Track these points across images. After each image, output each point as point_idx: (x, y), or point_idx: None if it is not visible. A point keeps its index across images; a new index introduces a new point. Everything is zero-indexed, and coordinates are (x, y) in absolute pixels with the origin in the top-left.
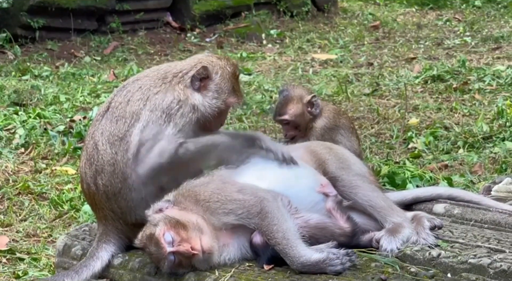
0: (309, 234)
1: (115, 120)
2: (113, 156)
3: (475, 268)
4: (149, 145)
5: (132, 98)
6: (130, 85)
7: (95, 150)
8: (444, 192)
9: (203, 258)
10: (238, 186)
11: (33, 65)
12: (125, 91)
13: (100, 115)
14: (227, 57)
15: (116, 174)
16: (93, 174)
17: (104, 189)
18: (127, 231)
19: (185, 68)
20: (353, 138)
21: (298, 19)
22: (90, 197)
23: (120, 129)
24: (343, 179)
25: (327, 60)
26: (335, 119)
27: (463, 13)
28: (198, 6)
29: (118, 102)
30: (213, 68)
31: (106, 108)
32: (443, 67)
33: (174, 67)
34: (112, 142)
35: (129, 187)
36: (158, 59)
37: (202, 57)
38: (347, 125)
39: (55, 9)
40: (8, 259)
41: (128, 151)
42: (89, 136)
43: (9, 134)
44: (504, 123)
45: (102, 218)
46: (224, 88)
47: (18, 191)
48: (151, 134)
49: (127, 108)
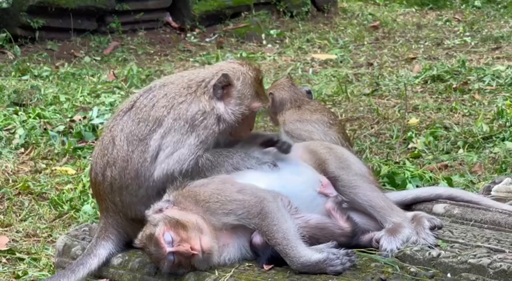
0: (309, 234)
1: (137, 121)
2: (128, 153)
3: (475, 268)
4: (169, 151)
5: (157, 104)
6: (156, 90)
7: (111, 143)
8: (444, 192)
9: (202, 258)
10: (238, 186)
11: (33, 65)
12: (151, 94)
13: (123, 111)
14: (249, 62)
15: (128, 170)
16: (104, 165)
17: (111, 181)
18: (126, 226)
19: (208, 76)
20: (331, 132)
21: (298, 19)
22: (96, 187)
23: (141, 131)
24: (343, 179)
25: (327, 60)
26: (304, 114)
27: (463, 13)
28: (198, 6)
29: (143, 104)
30: (235, 74)
31: (130, 106)
32: (443, 67)
33: (197, 75)
34: (130, 140)
35: (139, 184)
36: (158, 59)
37: (224, 64)
38: (322, 120)
39: (55, 9)
40: (8, 259)
41: (146, 152)
42: (108, 128)
43: (9, 134)
44: (504, 123)
45: (104, 209)
46: (247, 94)
47: (18, 191)
48: (172, 141)
49: (151, 112)
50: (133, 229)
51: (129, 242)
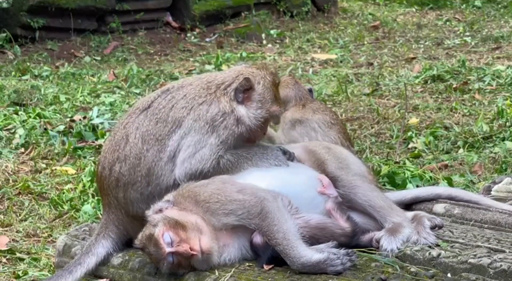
0: (309, 234)
1: (155, 121)
2: (142, 152)
3: (475, 268)
4: (191, 151)
5: (176, 105)
6: (175, 91)
7: (124, 140)
8: (444, 192)
9: (202, 258)
10: (238, 186)
11: (33, 65)
12: (169, 96)
13: (139, 110)
14: (266, 66)
15: (139, 167)
16: (113, 160)
17: (118, 176)
18: (127, 223)
19: (227, 80)
20: (331, 132)
21: (298, 19)
22: (101, 181)
23: (159, 131)
24: (343, 179)
25: (327, 60)
26: (305, 113)
27: (463, 13)
28: (198, 6)
29: (161, 105)
30: (255, 78)
31: (147, 106)
32: (443, 67)
33: (215, 78)
34: (146, 140)
35: (149, 182)
36: (158, 59)
37: (242, 68)
38: (324, 120)
39: (55, 9)
40: (8, 259)
41: (162, 152)
42: (121, 125)
43: (9, 134)
44: (504, 123)
45: (106, 205)
46: (267, 98)
47: (18, 191)
48: (192, 141)
49: (170, 113)
50: (133, 226)
51: (128, 241)
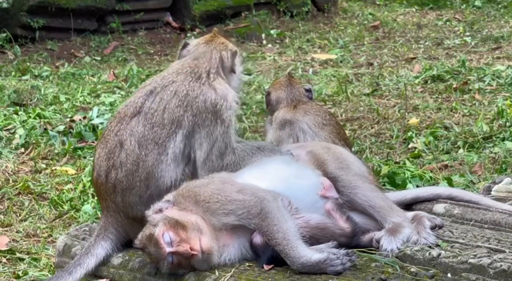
0: (309, 234)
1: (150, 126)
2: (140, 157)
3: (475, 268)
4: (206, 148)
5: (168, 106)
6: (161, 91)
7: (119, 147)
8: (444, 192)
9: (202, 258)
10: (238, 186)
11: (33, 65)
12: (157, 97)
13: (128, 116)
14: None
15: (137, 173)
16: (109, 167)
17: (115, 182)
18: (126, 225)
19: (213, 62)
20: (322, 133)
21: (298, 19)
22: (97, 187)
23: (157, 135)
24: (343, 179)
25: (327, 60)
26: (295, 114)
27: (463, 13)
28: (198, 6)
29: (152, 109)
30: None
31: (136, 111)
32: (443, 67)
33: (196, 66)
34: (143, 145)
35: (148, 185)
36: (158, 59)
37: (207, 49)
38: (314, 121)
39: (55, 9)
40: (8, 259)
41: (163, 155)
42: (112, 132)
43: (9, 134)
44: (504, 123)
45: (104, 208)
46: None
47: (18, 191)
48: (201, 137)
49: (165, 115)
50: (132, 228)
51: (127, 242)
